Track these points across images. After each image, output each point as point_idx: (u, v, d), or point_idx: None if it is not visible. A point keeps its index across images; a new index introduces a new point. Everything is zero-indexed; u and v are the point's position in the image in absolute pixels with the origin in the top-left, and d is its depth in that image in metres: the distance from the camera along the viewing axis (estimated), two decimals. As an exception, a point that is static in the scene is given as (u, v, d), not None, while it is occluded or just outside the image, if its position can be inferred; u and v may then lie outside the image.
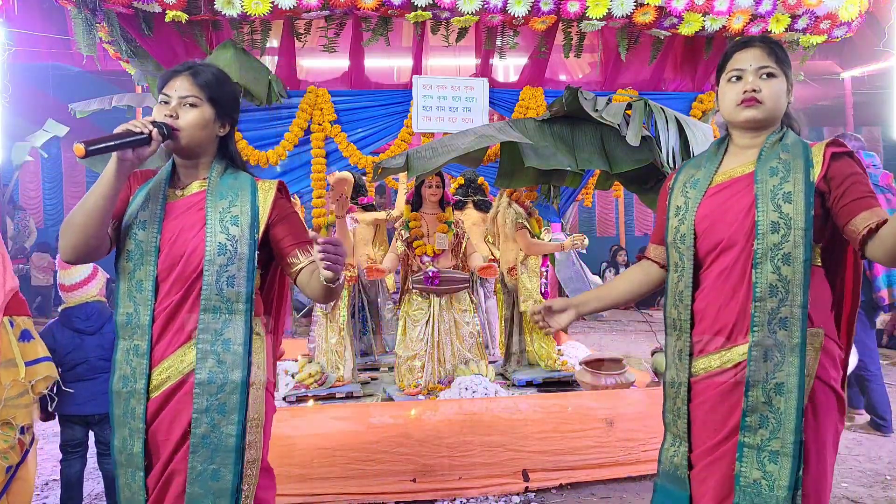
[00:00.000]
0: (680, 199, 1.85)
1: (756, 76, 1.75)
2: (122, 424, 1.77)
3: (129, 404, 1.74)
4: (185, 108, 1.73)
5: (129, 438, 1.75)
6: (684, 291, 1.83)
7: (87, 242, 1.68)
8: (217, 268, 1.72)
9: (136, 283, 1.74)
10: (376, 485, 3.35)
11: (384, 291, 5.28)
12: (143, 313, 1.73)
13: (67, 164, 12.00)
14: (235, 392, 1.73)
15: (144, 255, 1.73)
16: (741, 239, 1.71)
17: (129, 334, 1.75)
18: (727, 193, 1.77)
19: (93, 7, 3.25)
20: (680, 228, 1.82)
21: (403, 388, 4.01)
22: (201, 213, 1.75)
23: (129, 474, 1.76)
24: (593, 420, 3.60)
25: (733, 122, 1.80)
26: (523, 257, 4.34)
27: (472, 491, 3.45)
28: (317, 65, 4.55)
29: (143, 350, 1.72)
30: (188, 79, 1.74)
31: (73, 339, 3.06)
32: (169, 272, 1.73)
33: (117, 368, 1.77)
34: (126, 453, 1.76)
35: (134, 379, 1.74)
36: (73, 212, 1.67)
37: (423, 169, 2.86)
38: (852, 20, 3.60)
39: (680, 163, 3.06)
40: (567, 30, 3.62)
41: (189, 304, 1.73)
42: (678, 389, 1.87)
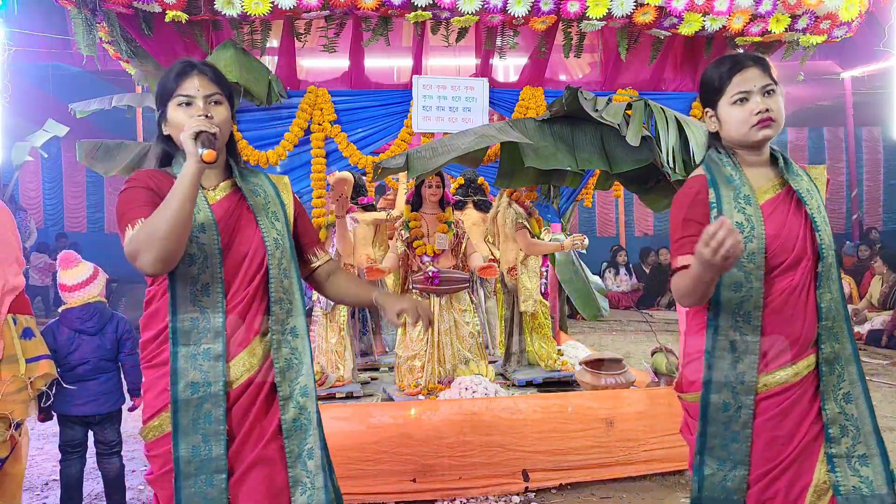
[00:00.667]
0: (738, 216, 1.78)
1: (762, 95, 1.78)
2: (191, 432, 1.70)
3: (202, 409, 1.70)
4: (214, 107, 1.72)
5: (204, 444, 1.70)
6: (753, 312, 1.78)
7: (177, 251, 1.62)
8: (277, 262, 1.78)
9: (203, 287, 1.71)
10: (376, 485, 3.35)
11: (384, 291, 5.27)
12: (213, 316, 1.72)
13: (67, 164, 12.01)
14: (309, 374, 1.83)
15: (209, 259, 1.71)
16: (804, 256, 1.78)
17: (194, 339, 1.71)
18: (782, 211, 1.81)
19: (93, 7, 3.25)
20: (747, 246, 1.76)
21: (403, 388, 4.01)
22: (249, 212, 1.78)
23: (204, 481, 1.70)
24: (593, 420, 3.60)
25: (747, 142, 1.82)
26: (523, 257, 4.34)
27: (472, 491, 3.45)
28: (317, 65, 4.55)
29: (217, 352, 1.71)
30: (204, 77, 1.73)
31: (74, 339, 3.06)
32: (235, 272, 1.74)
33: (182, 376, 1.70)
34: (198, 460, 1.70)
35: (208, 383, 1.70)
36: (155, 223, 1.58)
37: (423, 169, 2.86)
38: (852, 20, 3.60)
39: (680, 163, 3.06)
40: (567, 30, 3.62)
41: (257, 300, 1.76)
42: (737, 412, 1.80)
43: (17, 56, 7.94)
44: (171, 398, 1.70)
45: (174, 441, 1.70)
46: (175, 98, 1.72)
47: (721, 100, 1.83)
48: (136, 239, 1.60)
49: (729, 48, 3.84)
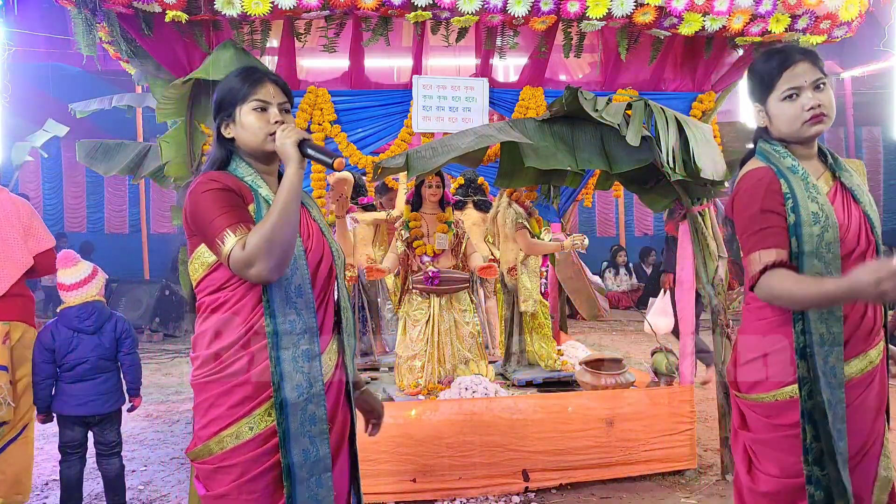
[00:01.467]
0: (813, 205, 1.76)
1: (813, 90, 1.77)
2: (300, 435, 1.70)
3: (307, 411, 1.71)
4: (285, 115, 1.77)
5: (311, 446, 1.72)
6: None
7: (291, 257, 1.68)
8: (339, 270, 1.85)
9: (296, 289, 1.72)
10: (376, 485, 3.35)
11: (384, 291, 5.28)
12: (308, 317, 1.73)
13: (67, 164, 12.00)
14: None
15: (298, 261, 1.73)
16: (863, 245, 1.80)
17: (294, 341, 1.71)
18: (840, 201, 1.82)
19: (93, 7, 3.25)
20: (825, 236, 1.74)
21: (403, 388, 4.01)
22: (312, 221, 1.84)
23: (315, 482, 1.73)
24: (593, 420, 3.60)
25: (800, 137, 1.82)
26: (523, 257, 4.34)
27: (472, 491, 3.45)
28: (317, 65, 4.55)
29: (315, 352, 1.74)
30: (275, 84, 1.78)
31: (73, 338, 3.07)
32: (315, 275, 1.77)
33: (288, 379, 1.69)
34: (310, 463, 1.71)
35: (310, 384, 1.72)
36: (273, 230, 1.60)
37: (423, 169, 2.86)
38: (852, 20, 3.59)
39: (680, 163, 3.06)
40: (567, 30, 3.62)
41: (331, 303, 1.83)
42: (838, 408, 1.75)
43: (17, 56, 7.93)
44: (278, 404, 1.68)
45: (285, 448, 1.68)
46: (250, 102, 1.74)
47: (771, 95, 1.81)
48: (251, 247, 1.60)
49: (729, 48, 3.84)
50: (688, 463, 3.72)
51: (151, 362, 7.11)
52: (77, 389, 3.07)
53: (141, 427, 4.87)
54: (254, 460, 1.69)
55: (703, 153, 3.08)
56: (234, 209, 1.67)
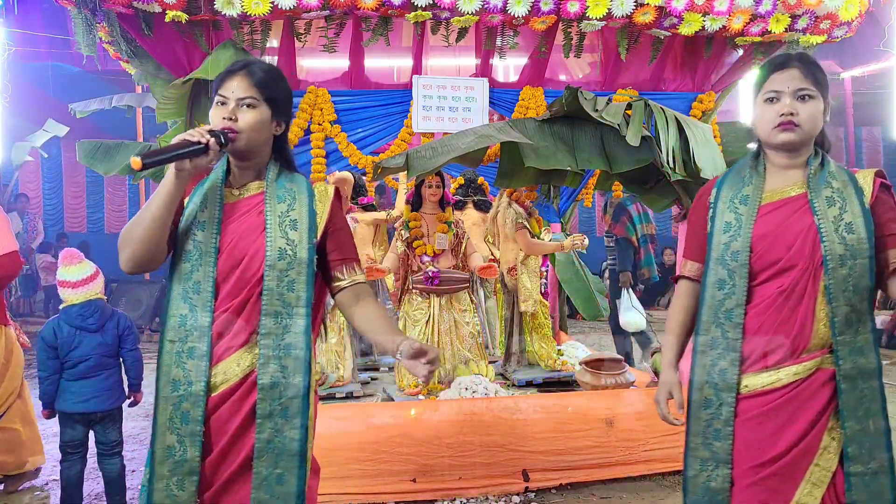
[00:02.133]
0: (729, 216, 1.81)
1: (793, 98, 1.75)
2: (167, 430, 1.68)
3: (180, 408, 1.67)
4: (243, 110, 1.70)
5: (179, 444, 1.67)
6: (734, 310, 1.78)
7: (150, 253, 1.66)
8: (278, 272, 1.70)
9: (194, 285, 1.70)
10: (376, 485, 3.35)
11: (384, 291, 5.28)
12: (201, 315, 1.69)
13: (67, 164, 12.00)
14: (298, 396, 1.71)
15: (203, 257, 1.70)
16: (801, 261, 1.74)
17: (181, 336, 1.69)
18: (782, 213, 1.78)
19: (93, 7, 3.25)
20: (731, 245, 1.79)
21: (403, 388, 4.01)
22: (261, 217, 1.73)
23: (176, 483, 1.67)
24: (593, 420, 3.60)
25: (769, 143, 1.81)
26: (523, 257, 4.34)
27: (472, 491, 3.45)
28: (317, 65, 4.55)
29: (201, 352, 1.68)
30: (245, 78, 1.71)
31: (75, 336, 3.07)
32: (228, 274, 1.71)
33: (165, 372, 1.69)
34: (172, 460, 1.67)
35: (189, 382, 1.68)
36: (132, 224, 1.65)
37: (423, 169, 2.86)
38: (852, 20, 3.60)
39: (680, 163, 3.06)
40: (567, 30, 3.62)
41: (249, 307, 1.70)
42: (719, 409, 1.80)
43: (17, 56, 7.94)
44: (155, 393, 1.70)
45: (152, 437, 1.71)
46: (216, 96, 1.73)
47: (758, 95, 1.81)
48: (121, 235, 1.67)
49: (729, 48, 3.85)
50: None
51: (151, 362, 7.07)
52: (79, 387, 3.07)
53: (141, 427, 4.87)
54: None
55: (703, 153, 3.08)
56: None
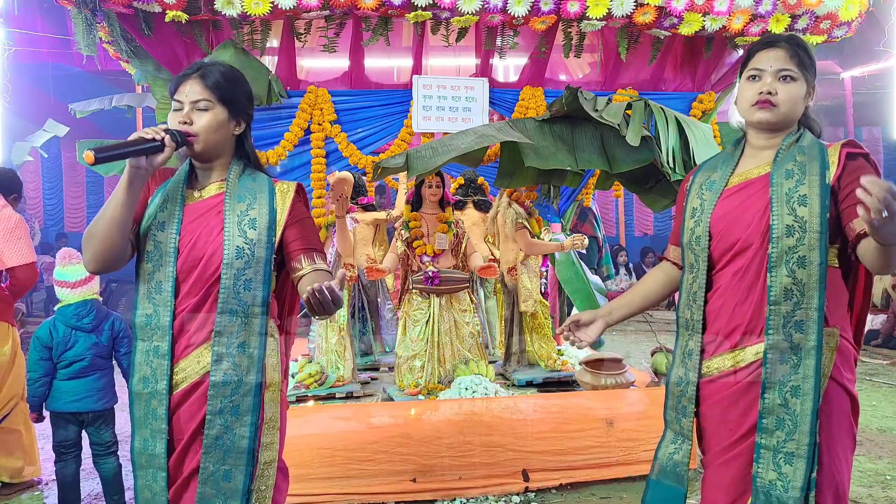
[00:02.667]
0: (696, 201, 1.86)
1: (774, 78, 1.74)
2: (142, 425, 1.76)
3: (150, 405, 1.73)
4: (197, 113, 1.72)
5: (151, 439, 1.74)
6: (698, 293, 1.83)
7: (110, 251, 1.69)
8: (235, 271, 1.72)
9: (156, 285, 1.74)
10: (376, 485, 3.35)
11: (384, 291, 5.28)
12: (163, 314, 1.73)
13: (67, 164, 12.00)
14: (249, 394, 1.74)
15: (163, 257, 1.73)
16: (756, 240, 1.73)
17: (148, 335, 1.74)
18: (743, 195, 1.78)
19: (93, 7, 3.25)
20: (695, 230, 1.83)
21: (403, 388, 4.00)
22: (220, 217, 1.75)
23: (150, 476, 1.74)
24: (593, 420, 3.60)
25: (747, 121, 1.81)
26: (523, 257, 4.34)
27: (472, 491, 3.45)
28: (317, 65, 4.55)
29: (163, 350, 1.72)
30: (198, 81, 1.73)
31: (70, 335, 3.08)
32: (188, 274, 1.74)
33: (137, 370, 1.76)
34: (147, 454, 1.75)
35: (154, 380, 1.73)
36: (93, 223, 1.68)
37: (423, 169, 2.86)
38: (852, 20, 3.60)
39: (680, 163, 3.06)
40: (567, 30, 3.62)
41: (207, 306, 1.73)
42: (685, 388, 1.87)
43: (17, 56, 7.94)
44: (129, 390, 1.77)
45: (132, 431, 1.77)
46: (172, 103, 1.76)
47: (742, 73, 1.81)
48: (83, 236, 1.71)
49: (729, 48, 3.85)
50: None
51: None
52: (72, 386, 3.07)
53: (141, 427, 4.85)
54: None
55: (703, 153, 3.08)
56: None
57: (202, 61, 1.81)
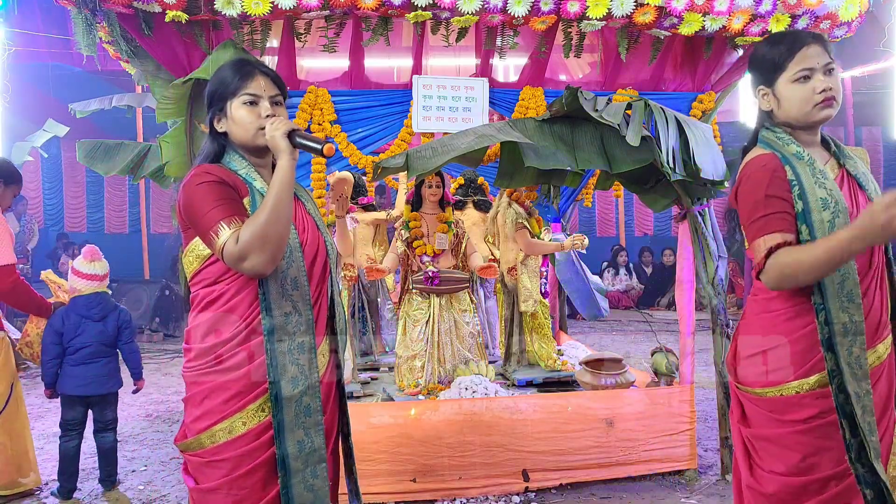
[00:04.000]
0: (821, 191, 1.72)
1: (824, 73, 1.74)
2: (295, 427, 1.71)
3: (302, 403, 1.72)
4: (276, 107, 1.77)
5: (307, 437, 1.73)
6: (854, 290, 1.71)
7: (284, 250, 1.69)
8: (333, 264, 1.85)
9: (292, 282, 1.72)
10: (376, 485, 3.36)
11: (384, 291, 5.28)
12: (305, 310, 1.74)
13: (67, 164, 11.99)
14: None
15: (293, 253, 1.73)
16: None
17: (289, 334, 1.71)
18: (847, 188, 1.80)
19: (93, 7, 3.25)
20: (836, 222, 1.70)
21: (403, 388, 4.01)
22: (307, 215, 1.85)
23: (310, 473, 1.73)
24: (593, 420, 3.60)
25: (807, 121, 1.79)
26: (523, 257, 4.34)
27: (472, 491, 3.45)
28: (317, 65, 4.55)
29: (311, 345, 1.74)
30: (267, 77, 1.77)
31: (80, 323, 3.43)
32: (311, 268, 1.78)
33: (283, 373, 1.69)
34: (305, 454, 1.72)
35: (305, 376, 1.72)
36: (266, 222, 1.60)
37: (423, 169, 2.86)
38: (852, 20, 3.59)
39: (680, 163, 3.06)
40: (567, 30, 3.62)
41: (325, 299, 1.82)
42: (866, 398, 1.69)
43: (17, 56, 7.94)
44: (274, 396, 1.68)
45: (279, 440, 1.69)
46: (241, 96, 1.74)
47: (781, 77, 1.78)
48: (244, 241, 1.60)
49: (729, 48, 3.84)
50: (688, 463, 3.72)
51: (151, 362, 7.11)
52: (80, 371, 3.42)
53: (141, 427, 4.87)
54: (246, 455, 1.69)
55: (703, 153, 3.08)
56: (229, 202, 1.66)
57: (251, 58, 1.90)
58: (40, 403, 5.13)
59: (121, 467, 3.81)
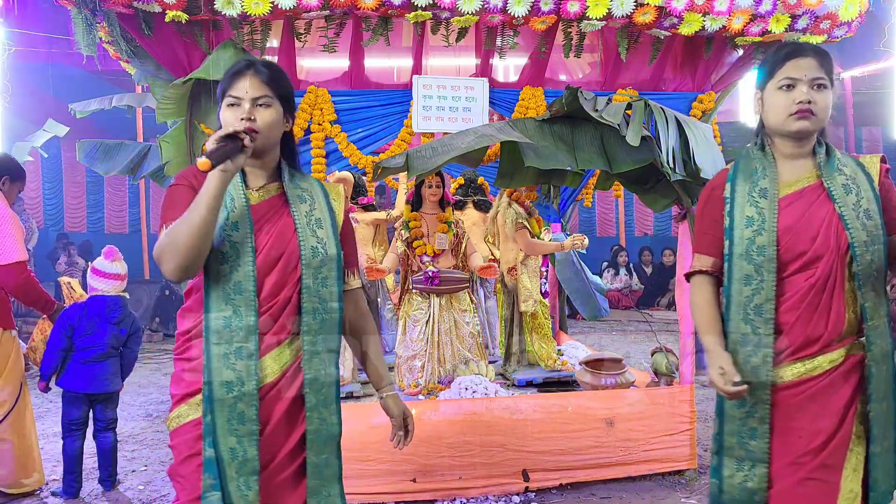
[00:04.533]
0: (750, 210, 1.79)
1: (810, 87, 1.74)
2: (228, 433, 1.69)
3: (237, 409, 1.69)
4: (259, 109, 1.72)
5: (240, 445, 1.69)
6: (765, 304, 1.76)
7: (200, 258, 1.64)
8: (313, 270, 1.76)
9: (235, 285, 1.70)
10: (376, 485, 3.35)
11: (384, 291, 5.28)
12: (246, 314, 1.70)
13: (67, 164, 11.99)
14: (332, 385, 1.82)
15: (242, 257, 1.71)
16: (828, 250, 1.74)
17: (227, 338, 1.70)
18: (801, 204, 1.78)
19: (93, 7, 3.25)
20: (756, 239, 1.77)
21: (403, 388, 4.01)
22: (288, 219, 1.77)
23: (243, 483, 1.69)
24: (593, 420, 3.60)
25: (782, 131, 1.80)
26: (523, 257, 4.34)
27: (472, 491, 3.45)
28: (317, 65, 4.55)
29: (250, 350, 1.70)
30: (255, 77, 1.73)
31: (96, 323, 3.47)
32: (266, 274, 1.73)
33: (216, 375, 1.68)
34: (237, 462, 1.69)
35: (241, 382, 1.69)
36: (176, 234, 1.60)
37: (423, 169, 2.86)
38: (852, 20, 3.60)
39: (680, 163, 3.06)
40: (567, 30, 3.62)
41: (290, 305, 1.75)
42: (753, 408, 1.78)
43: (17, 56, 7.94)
44: (206, 398, 1.69)
45: (212, 440, 1.69)
46: (226, 98, 1.74)
47: (770, 82, 1.80)
48: (160, 245, 1.63)
49: (729, 48, 3.84)
50: (688, 463, 3.72)
51: (151, 362, 7.11)
52: (87, 370, 3.45)
53: (141, 427, 4.87)
54: (186, 444, 1.73)
55: (703, 153, 3.08)
56: (181, 208, 1.66)
57: (251, 58, 1.82)
58: (40, 403, 5.14)
59: (121, 467, 3.82)
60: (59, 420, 3.58)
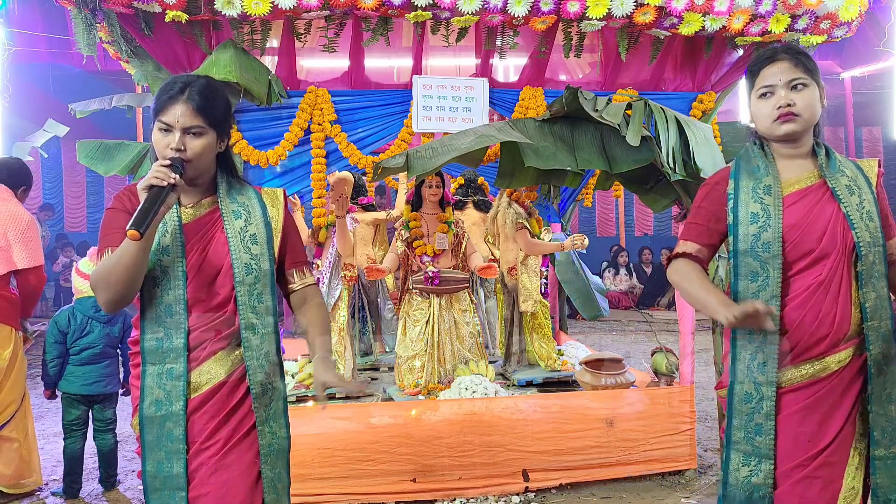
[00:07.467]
0: (755, 206, 1.80)
1: (787, 89, 1.76)
2: (156, 448, 1.73)
3: (165, 427, 1.72)
4: (189, 138, 1.71)
5: (167, 461, 1.72)
6: (770, 301, 1.76)
7: (132, 293, 1.68)
8: (247, 287, 1.76)
9: (166, 308, 1.72)
10: (376, 485, 3.36)
11: (384, 291, 5.28)
12: (175, 337, 1.72)
13: (67, 164, 12.00)
14: (279, 398, 1.84)
15: (172, 280, 1.72)
16: (834, 249, 1.75)
17: (159, 359, 1.73)
18: (806, 203, 1.79)
19: (93, 7, 3.25)
20: (762, 236, 1.78)
21: (403, 388, 4.01)
22: (221, 235, 1.77)
23: (167, 496, 1.72)
24: (593, 420, 3.60)
25: (772, 136, 1.82)
26: (523, 257, 4.34)
27: (472, 491, 3.45)
28: (317, 65, 4.55)
29: (178, 372, 1.72)
30: (187, 105, 1.69)
31: (88, 324, 3.48)
32: (199, 294, 1.74)
33: (148, 393, 1.73)
34: (162, 477, 1.73)
35: (169, 402, 1.72)
36: (108, 269, 1.62)
37: (423, 169, 2.86)
38: (852, 20, 3.59)
39: (680, 163, 3.06)
40: (567, 30, 3.62)
41: (226, 322, 1.75)
42: (759, 403, 1.79)
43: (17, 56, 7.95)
44: (139, 415, 1.73)
45: (143, 456, 1.74)
46: (157, 122, 1.72)
47: (752, 92, 1.83)
48: (94, 277, 1.67)
49: (729, 48, 3.84)
50: (688, 463, 3.72)
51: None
52: (84, 371, 3.48)
53: (141, 427, 4.87)
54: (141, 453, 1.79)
55: (703, 153, 3.08)
56: (116, 235, 1.67)
57: (185, 79, 1.75)
58: (39, 403, 5.13)
59: (121, 467, 3.83)
60: (59, 420, 3.59)
